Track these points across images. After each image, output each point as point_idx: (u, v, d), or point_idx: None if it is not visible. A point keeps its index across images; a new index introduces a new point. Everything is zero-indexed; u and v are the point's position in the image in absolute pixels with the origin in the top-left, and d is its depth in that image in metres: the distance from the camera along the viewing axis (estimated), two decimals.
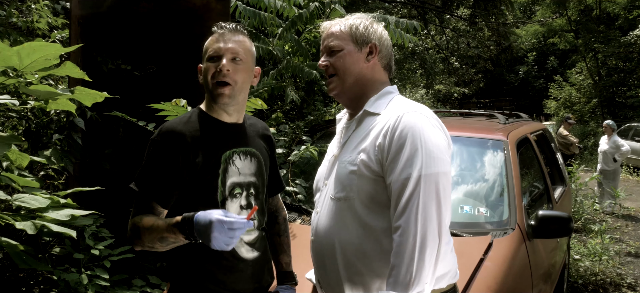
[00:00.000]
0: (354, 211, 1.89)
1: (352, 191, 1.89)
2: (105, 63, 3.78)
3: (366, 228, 1.87)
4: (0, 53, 1.92)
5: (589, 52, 25.92)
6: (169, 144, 1.96)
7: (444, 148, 1.84)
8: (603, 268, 6.46)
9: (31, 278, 3.89)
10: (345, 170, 1.92)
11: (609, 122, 11.52)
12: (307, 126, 5.54)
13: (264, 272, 2.16)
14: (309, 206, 3.79)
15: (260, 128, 2.26)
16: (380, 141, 1.84)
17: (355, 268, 1.90)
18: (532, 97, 35.19)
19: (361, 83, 2.02)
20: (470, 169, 3.78)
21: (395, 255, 1.74)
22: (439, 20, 19.61)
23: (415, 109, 1.88)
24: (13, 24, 5.06)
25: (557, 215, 3.30)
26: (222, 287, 2.01)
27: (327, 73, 2.06)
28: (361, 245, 1.88)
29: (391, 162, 1.80)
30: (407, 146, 1.77)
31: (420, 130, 1.80)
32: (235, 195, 2.03)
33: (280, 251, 2.38)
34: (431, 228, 1.73)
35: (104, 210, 3.14)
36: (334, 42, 2.02)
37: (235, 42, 2.02)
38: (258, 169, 2.13)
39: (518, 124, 4.72)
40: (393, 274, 1.73)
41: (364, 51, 2.01)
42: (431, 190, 1.75)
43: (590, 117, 25.48)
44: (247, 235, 2.08)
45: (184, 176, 1.95)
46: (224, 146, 2.02)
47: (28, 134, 3.75)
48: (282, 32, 6.14)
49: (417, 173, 1.75)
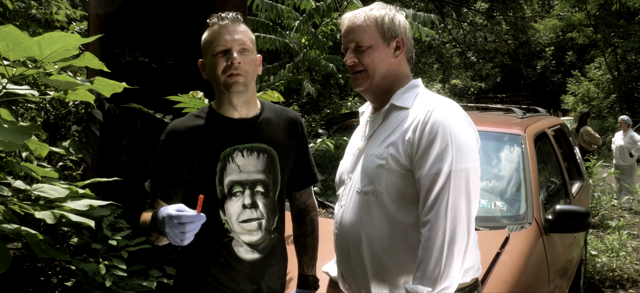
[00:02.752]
0: (382, 205, 1.87)
1: (379, 185, 1.87)
2: (123, 55, 3.80)
3: (393, 222, 1.86)
4: (21, 43, 1.93)
5: (608, 47, 25.64)
6: (169, 143, 1.98)
7: (473, 143, 1.83)
8: (620, 264, 6.39)
9: (50, 268, 3.94)
10: (373, 164, 1.90)
11: (624, 117, 11.42)
12: (324, 119, 5.53)
13: (265, 276, 2.07)
14: (325, 199, 3.78)
15: (284, 118, 2.15)
16: (409, 135, 1.83)
17: (381, 263, 1.89)
18: (549, 92, 34.89)
19: (389, 79, 1.99)
20: (488, 163, 3.76)
21: (423, 250, 1.73)
22: (456, 14, 19.49)
23: (444, 104, 1.87)
24: (32, 16, 5.11)
25: (574, 209, 3.28)
26: (216, 281, 2.01)
27: (354, 69, 2.00)
28: (388, 239, 1.87)
29: (421, 157, 1.78)
30: (437, 141, 1.76)
31: (451, 125, 1.78)
32: (235, 193, 1.99)
33: (304, 253, 2.27)
34: (461, 224, 1.72)
35: (121, 200, 3.16)
36: (360, 36, 1.95)
37: (241, 33, 1.97)
38: (268, 166, 2.04)
39: (536, 119, 4.68)
40: (421, 268, 1.72)
41: (392, 46, 1.97)
42: (461, 185, 1.74)
43: (609, 112, 25.22)
44: (248, 236, 2.02)
45: (184, 175, 1.98)
46: (225, 144, 1.98)
47: (47, 126, 3.78)
48: (299, 25, 6.14)
49: (447, 168, 1.74)
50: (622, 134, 11.13)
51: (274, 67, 6.33)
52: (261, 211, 2.04)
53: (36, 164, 2.83)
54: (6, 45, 1.93)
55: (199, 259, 2.01)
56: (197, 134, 1.99)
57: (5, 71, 2.10)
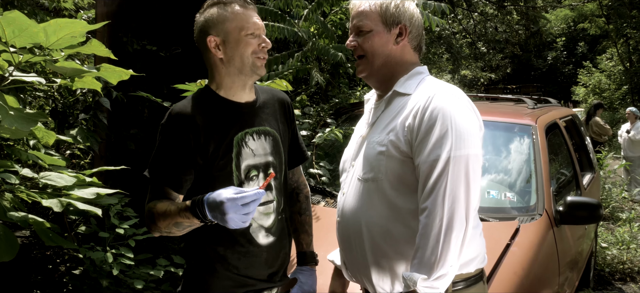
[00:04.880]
0: (382, 192, 1.86)
1: (380, 172, 1.86)
2: (131, 44, 3.79)
3: (394, 209, 1.85)
4: (27, 30, 1.92)
5: (620, 38, 25.39)
6: (178, 127, 1.92)
7: (474, 130, 1.79)
8: (631, 256, 6.34)
9: (57, 256, 3.95)
10: (374, 151, 1.89)
11: (632, 109, 11.35)
12: (332, 108, 5.51)
13: (279, 256, 2.10)
14: (333, 188, 3.77)
15: (275, 100, 2.17)
16: (409, 121, 1.81)
17: (381, 250, 1.88)
18: (560, 83, 34.66)
19: (390, 65, 1.97)
20: (498, 154, 3.73)
21: (420, 237, 1.72)
22: (466, 4, 19.37)
23: (446, 90, 1.84)
24: (40, 4, 5.11)
25: (585, 201, 3.25)
26: (235, 271, 1.99)
27: (356, 54, 2.01)
28: (388, 226, 1.86)
29: (420, 143, 1.76)
30: (436, 127, 1.74)
31: (451, 111, 1.76)
32: (251, 177, 1.99)
33: (301, 231, 2.30)
34: (459, 211, 1.70)
35: (129, 189, 3.16)
36: (362, 21, 1.96)
37: (259, 17, 2.00)
38: (274, 148, 2.07)
39: (547, 109, 4.64)
40: (418, 256, 1.71)
41: (394, 33, 1.95)
42: (460, 171, 1.71)
43: (620, 104, 25.01)
44: (265, 220, 2.02)
45: (198, 161, 1.92)
46: (236, 128, 1.97)
47: (54, 114, 3.79)
48: (308, 13, 6.09)
49: (446, 155, 1.71)
50: (629, 126, 11.07)
51: (282, 56, 6.30)
52: (274, 194, 2.06)
53: (44, 152, 2.83)
54: (12, 31, 1.92)
55: (216, 250, 1.97)
56: (208, 117, 1.94)
57: (11, 58, 2.09)
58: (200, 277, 2.01)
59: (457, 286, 1.86)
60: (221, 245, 1.97)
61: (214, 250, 1.98)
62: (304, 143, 4.21)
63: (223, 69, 1.98)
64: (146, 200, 1.95)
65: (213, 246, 1.98)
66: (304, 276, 2.22)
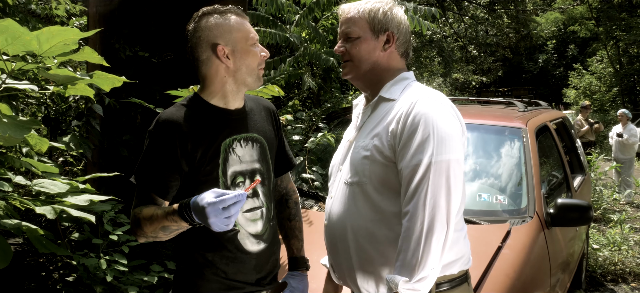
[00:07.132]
0: (367, 195, 1.89)
1: (364, 176, 1.89)
2: (123, 50, 3.79)
3: (378, 212, 1.88)
4: (20, 38, 1.92)
5: (610, 40, 25.59)
6: (165, 134, 1.91)
7: (456, 136, 1.82)
8: (622, 258, 6.39)
9: (51, 263, 3.95)
10: (359, 155, 1.92)
11: (624, 110, 11.45)
12: (324, 113, 5.53)
13: (269, 262, 2.11)
14: (326, 193, 3.78)
15: (262, 107, 2.19)
16: (393, 126, 1.84)
17: (366, 253, 1.91)
18: (551, 86, 34.89)
19: (377, 71, 2.01)
20: (489, 157, 3.75)
21: (402, 240, 1.75)
22: (457, 7, 19.44)
23: (429, 96, 1.87)
24: (32, 11, 5.10)
25: (576, 203, 3.27)
26: (223, 276, 1.99)
27: (343, 59, 2.05)
28: (373, 229, 1.89)
29: (403, 148, 1.79)
30: (418, 132, 1.77)
31: (433, 117, 1.78)
32: (238, 183, 1.99)
33: (291, 236, 2.32)
34: (439, 215, 1.73)
35: (122, 195, 3.15)
36: (350, 28, 2.00)
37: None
38: (261, 155, 2.08)
39: (537, 112, 4.67)
40: (400, 258, 1.74)
41: (381, 40, 1.99)
42: (441, 176, 1.74)
43: (611, 106, 25.17)
44: (252, 226, 2.02)
45: (183, 167, 1.91)
46: (225, 135, 1.97)
47: (47, 121, 3.78)
48: (299, 18, 6.12)
49: (427, 160, 1.74)
50: (621, 128, 11.14)
51: (274, 62, 6.32)
52: (262, 200, 2.06)
53: (37, 159, 2.83)
54: (5, 39, 1.92)
55: (204, 255, 1.98)
56: (196, 125, 1.94)
57: (4, 66, 2.09)
58: (190, 280, 2.02)
59: (441, 287, 1.89)
60: (209, 251, 1.98)
61: (203, 256, 1.99)
62: (297, 147, 4.20)
63: (227, 78, 1.98)
64: (132, 206, 1.95)
65: (201, 251, 1.98)
66: (295, 281, 2.23)
